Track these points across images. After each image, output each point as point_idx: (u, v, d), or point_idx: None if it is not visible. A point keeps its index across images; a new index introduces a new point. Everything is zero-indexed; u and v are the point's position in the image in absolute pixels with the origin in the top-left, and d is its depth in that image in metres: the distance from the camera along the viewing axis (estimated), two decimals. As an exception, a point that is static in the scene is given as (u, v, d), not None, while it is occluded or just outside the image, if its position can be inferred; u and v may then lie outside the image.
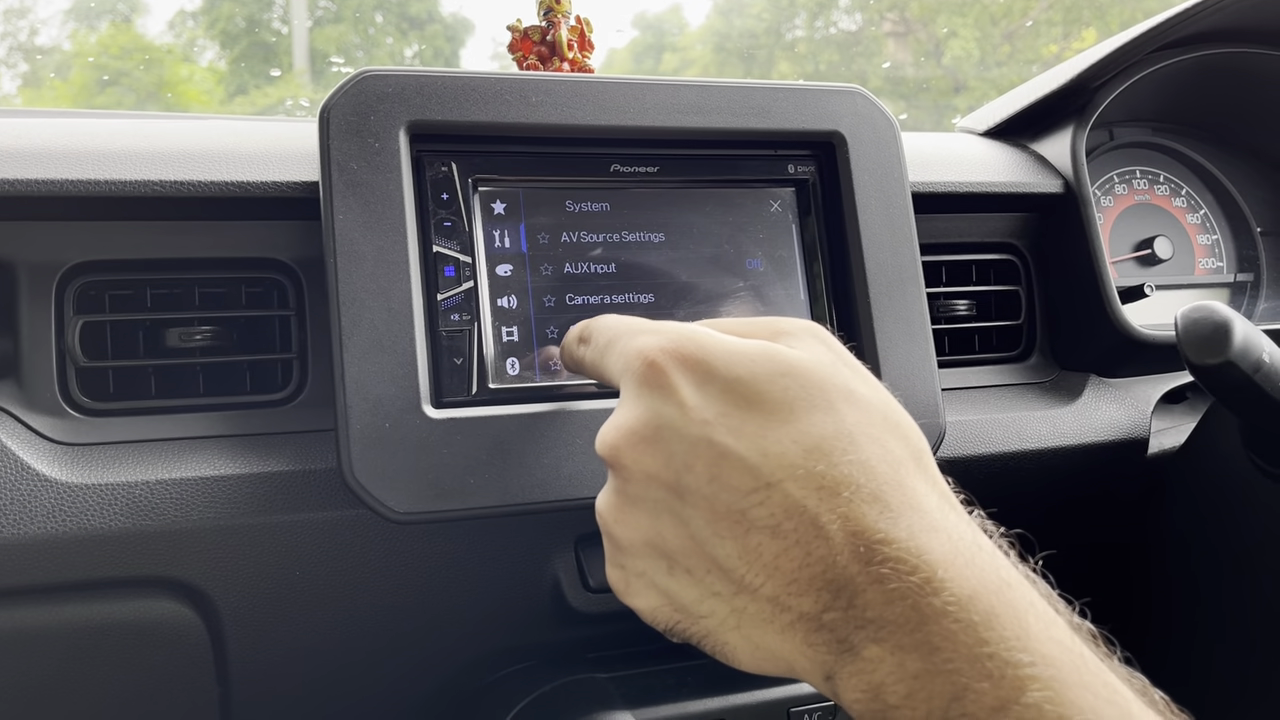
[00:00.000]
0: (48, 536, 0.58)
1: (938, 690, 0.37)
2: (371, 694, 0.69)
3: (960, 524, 0.41)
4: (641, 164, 0.68)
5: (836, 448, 0.41)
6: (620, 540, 0.45)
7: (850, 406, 0.43)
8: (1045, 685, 0.36)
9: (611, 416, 0.45)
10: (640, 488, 0.44)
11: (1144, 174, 0.97)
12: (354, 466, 0.57)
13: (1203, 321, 0.62)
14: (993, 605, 0.38)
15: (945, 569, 0.38)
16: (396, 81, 0.63)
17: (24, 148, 0.62)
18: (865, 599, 0.39)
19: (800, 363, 0.43)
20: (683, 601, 0.44)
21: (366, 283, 0.60)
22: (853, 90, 0.72)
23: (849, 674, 0.39)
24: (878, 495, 0.40)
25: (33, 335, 0.62)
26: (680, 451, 0.42)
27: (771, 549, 0.40)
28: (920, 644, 0.37)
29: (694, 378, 0.43)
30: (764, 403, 0.42)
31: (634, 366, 0.45)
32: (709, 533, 0.42)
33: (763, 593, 0.41)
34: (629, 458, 0.44)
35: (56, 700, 0.62)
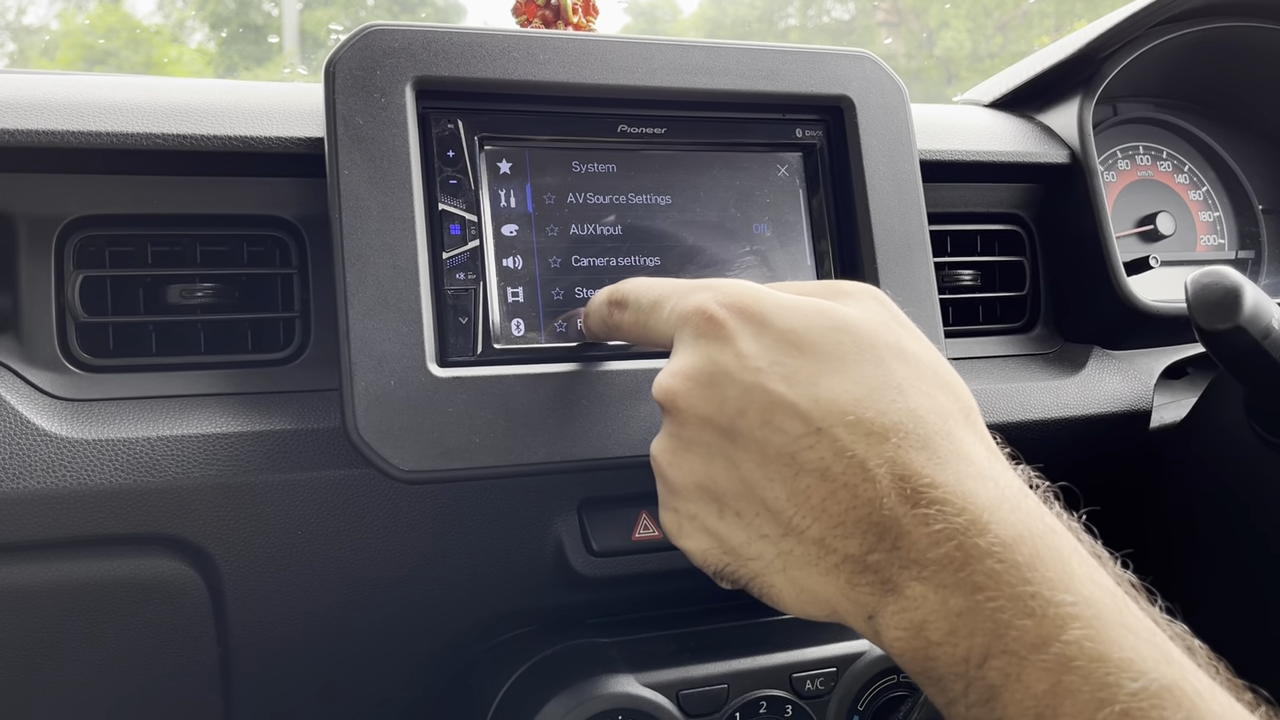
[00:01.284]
0: (47, 491, 0.57)
1: (980, 627, 0.38)
2: (372, 656, 0.69)
3: (1006, 474, 0.42)
4: (649, 125, 0.68)
5: (886, 396, 0.42)
6: (674, 483, 0.47)
7: (900, 362, 0.44)
8: (1086, 624, 0.36)
9: (668, 364, 0.47)
10: (694, 431, 0.45)
11: (1147, 150, 0.97)
12: (359, 424, 0.57)
13: (1213, 286, 0.62)
14: (1037, 549, 0.38)
15: (991, 513, 0.39)
16: (403, 36, 0.62)
17: (24, 99, 0.61)
18: (910, 540, 0.40)
19: (853, 319, 0.45)
20: (732, 544, 0.45)
21: (372, 239, 0.59)
22: (862, 55, 0.72)
23: (892, 612, 0.40)
24: (926, 442, 0.41)
25: (32, 290, 0.61)
26: (734, 397, 0.44)
27: (820, 492, 0.42)
28: (964, 583, 0.38)
29: (750, 328, 0.45)
30: (816, 353, 0.44)
31: (692, 320, 0.46)
32: (759, 475, 0.43)
33: (809, 534, 0.42)
34: (685, 402, 0.45)
35: (55, 657, 0.61)
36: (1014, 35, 4.53)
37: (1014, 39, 4.50)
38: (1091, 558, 0.40)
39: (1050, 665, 0.36)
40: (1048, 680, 0.36)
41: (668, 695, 0.63)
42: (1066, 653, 0.36)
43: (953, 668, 0.38)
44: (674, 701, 0.63)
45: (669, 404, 0.46)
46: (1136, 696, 0.35)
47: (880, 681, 0.67)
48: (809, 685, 0.66)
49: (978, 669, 0.38)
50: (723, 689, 0.64)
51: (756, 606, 0.73)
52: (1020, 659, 0.37)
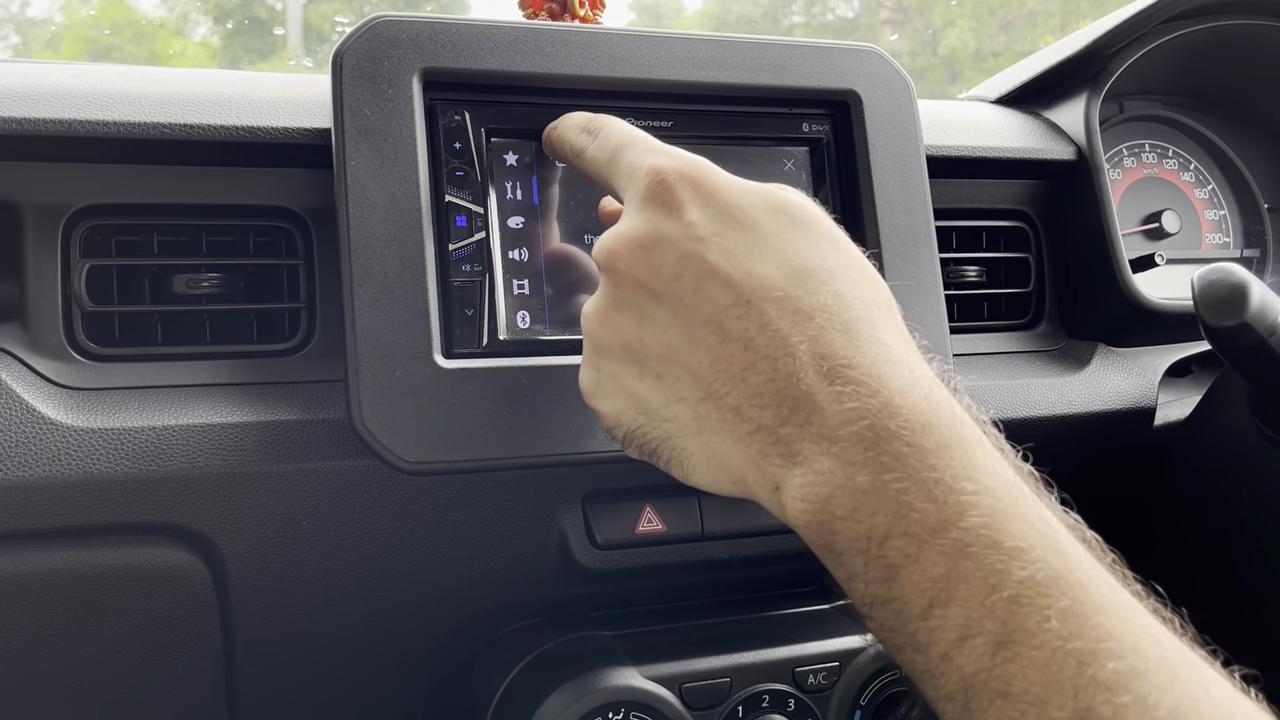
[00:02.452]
0: (52, 480, 0.57)
1: (883, 507, 0.39)
2: (375, 646, 0.69)
3: (920, 364, 0.43)
4: (656, 118, 0.67)
5: (815, 278, 0.44)
6: (600, 342, 0.49)
7: (833, 248, 0.46)
8: (984, 513, 0.38)
9: (614, 227, 0.48)
10: (629, 293, 0.47)
11: (1153, 147, 0.96)
12: (364, 415, 0.57)
13: (1219, 283, 0.62)
14: (944, 436, 0.40)
15: (903, 397, 0.40)
16: (411, 27, 0.62)
17: (31, 88, 0.61)
18: (823, 415, 0.41)
19: (795, 204, 0.47)
20: (650, 405, 0.47)
21: (378, 230, 0.59)
22: (869, 50, 0.71)
23: (798, 484, 0.41)
24: (848, 325, 0.43)
25: (38, 278, 0.62)
26: (671, 261, 0.45)
27: (741, 361, 0.43)
28: (871, 462, 0.39)
29: (697, 198, 0.46)
30: (756, 230, 0.45)
31: (644, 180, 0.48)
32: (685, 340, 0.45)
33: (727, 401, 0.44)
34: (623, 263, 0.47)
35: (59, 646, 0.61)
36: (1018, 34, 4.52)
37: (1018, 38, 4.49)
38: (995, 449, 0.41)
39: (947, 549, 0.37)
40: (944, 564, 0.37)
41: (670, 688, 0.63)
42: (963, 539, 0.37)
43: (854, 544, 0.39)
44: (676, 695, 0.63)
45: (608, 264, 0.47)
46: (1024, 584, 0.36)
47: (883, 677, 0.66)
48: (812, 679, 0.66)
49: (878, 547, 0.39)
50: (725, 682, 0.64)
51: (760, 600, 0.73)
52: (919, 541, 0.38)
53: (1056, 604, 0.35)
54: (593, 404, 0.50)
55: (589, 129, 0.55)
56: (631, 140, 0.52)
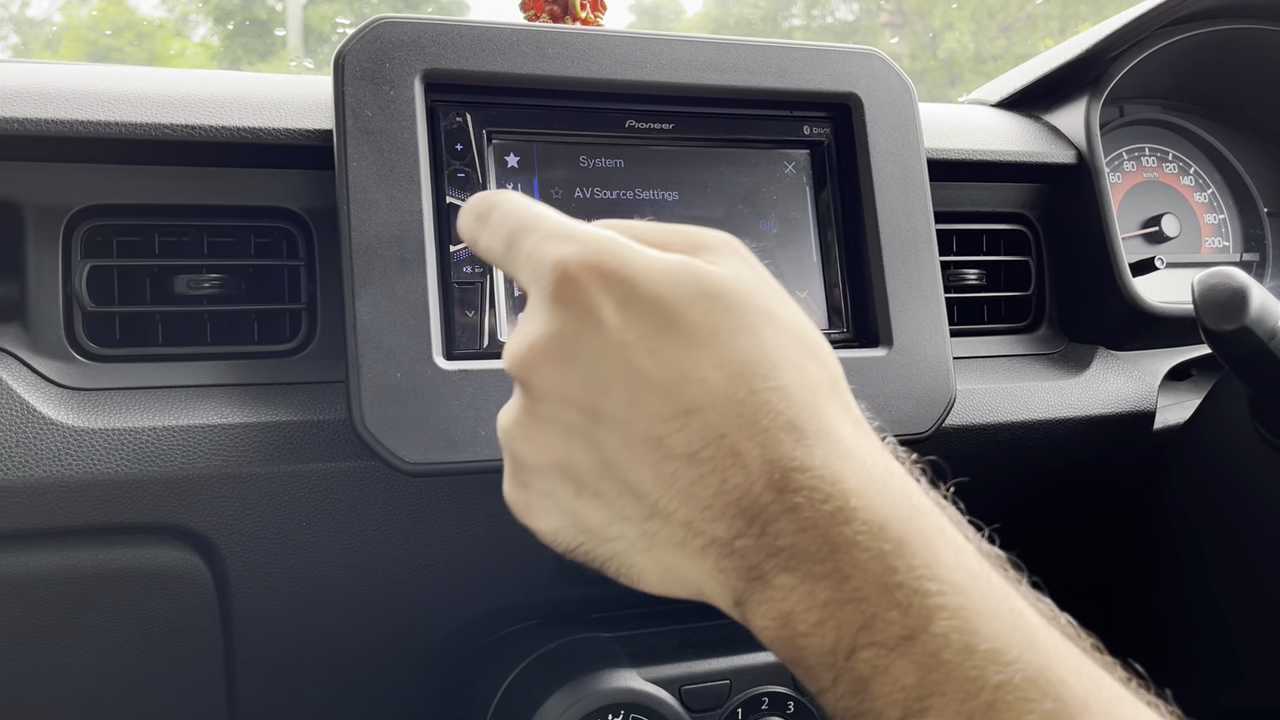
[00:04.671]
0: (52, 480, 0.57)
1: (847, 619, 0.37)
2: (375, 647, 0.69)
3: (874, 451, 0.41)
4: (657, 120, 0.68)
5: (758, 374, 0.40)
6: (525, 460, 0.43)
7: (770, 328, 0.42)
8: (953, 614, 0.36)
9: (521, 329, 0.42)
10: (551, 409, 0.42)
11: (1153, 151, 0.97)
12: (365, 416, 0.57)
13: (1220, 287, 0.62)
14: (903, 533, 0.38)
15: (858, 498, 0.38)
16: (412, 29, 0.62)
17: (33, 88, 0.61)
18: (778, 527, 0.38)
19: (722, 282, 0.42)
20: (591, 524, 0.43)
21: (379, 231, 0.59)
22: (870, 53, 0.72)
23: (759, 601, 0.39)
24: (794, 423, 0.40)
25: (39, 279, 0.62)
26: (598, 374, 0.41)
27: (687, 475, 0.40)
28: (831, 573, 0.37)
29: (615, 296, 0.41)
30: (685, 325, 0.41)
31: (547, 277, 0.41)
32: (623, 458, 0.40)
33: (676, 517, 0.40)
34: (542, 376, 0.41)
35: (60, 645, 0.61)
36: (1018, 38, 4.52)
37: (1018, 41, 4.49)
38: (958, 537, 0.39)
39: (917, 658, 0.36)
40: (915, 674, 0.36)
41: (670, 690, 0.63)
42: (932, 645, 0.36)
43: (822, 658, 0.38)
44: (676, 697, 0.63)
45: (523, 377, 0.42)
46: (1002, 688, 0.35)
47: (882, 679, 0.66)
48: (811, 682, 0.66)
49: (846, 660, 0.37)
50: (725, 685, 0.64)
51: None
52: (888, 650, 0.36)
53: (1039, 706, 0.34)
54: (525, 522, 0.46)
55: (479, 213, 0.48)
56: (526, 224, 0.45)
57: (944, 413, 0.68)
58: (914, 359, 0.68)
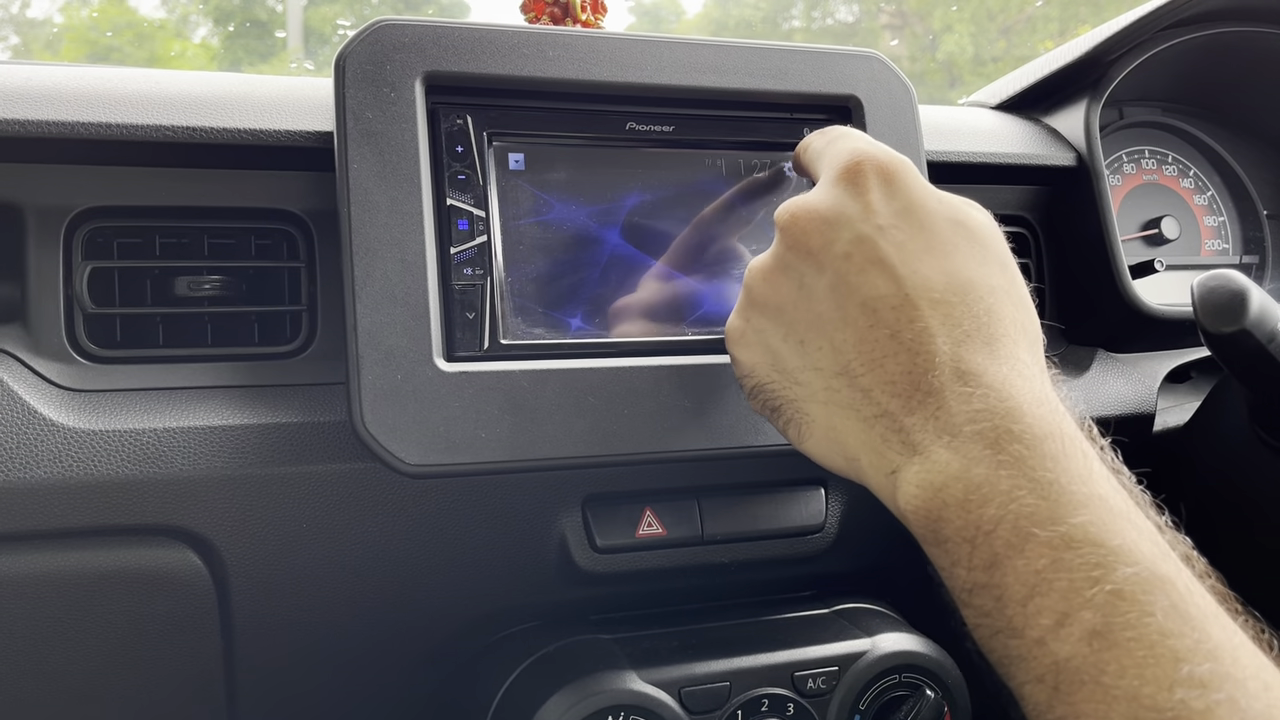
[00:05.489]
0: (53, 481, 0.57)
1: (994, 498, 0.40)
2: (375, 649, 0.69)
3: (1050, 388, 0.45)
4: (657, 123, 0.68)
5: (974, 292, 0.46)
6: (757, 296, 0.51)
7: (1000, 271, 0.48)
8: (1094, 513, 0.39)
9: (800, 195, 0.51)
10: (797, 258, 0.49)
11: (1153, 154, 0.97)
12: (365, 418, 0.57)
13: (1219, 289, 0.62)
14: (1064, 446, 0.41)
15: (1030, 407, 0.42)
16: (413, 31, 0.62)
17: (34, 89, 0.61)
18: (949, 411, 0.43)
19: (976, 221, 0.49)
20: (786, 365, 0.49)
21: (380, 233, 0.59)
22: (870, 55, 0.72)
23: (915, 471, 0.43)
24: (991, 339, 0.44)
25: (40, 280, 0.62)
26: (846, 239, 0.47)
27: (885, 347, 0.45)
28: (990, 458, 0.41)
29: (885, 189, 0.48)
30: (931, 232, 0.47)
31: (843, 160, 0.49)
32: (838, 315, 0.47)
33: (861, 381, 0.45)
34: (800, 229, 0.49)
35: (60, 647, 0.61)
36: (1017, 40, 4.52)
37: (1017, 43, 4.49)
38: (1111, 466, 0.43)
39: (1053, 542, 0.38)
40: (1049, 555, 0.38)
41: (670, 692, 0.63)
42: (1070, 534, 0.38)
43: (961, 531, 0.41)
44: (676, 699, 0.63)
45: (787, 226, 0.49)
46: (1128, 580, 0.37)
47: (882, 681, 0.67)
48: (811, 684, 0.66)
49: (985, 536, 0.40)
50: (724, 686, 0.64)
51: (760, 604, 0.73)
52: (1027, 533, 0.39)
53: (1159, 602, 0.36)
54: (732, 350, 0.52)
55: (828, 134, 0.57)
56: (851, 134, 0.54)
57: (944, 415, 0.68)
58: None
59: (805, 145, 0.58)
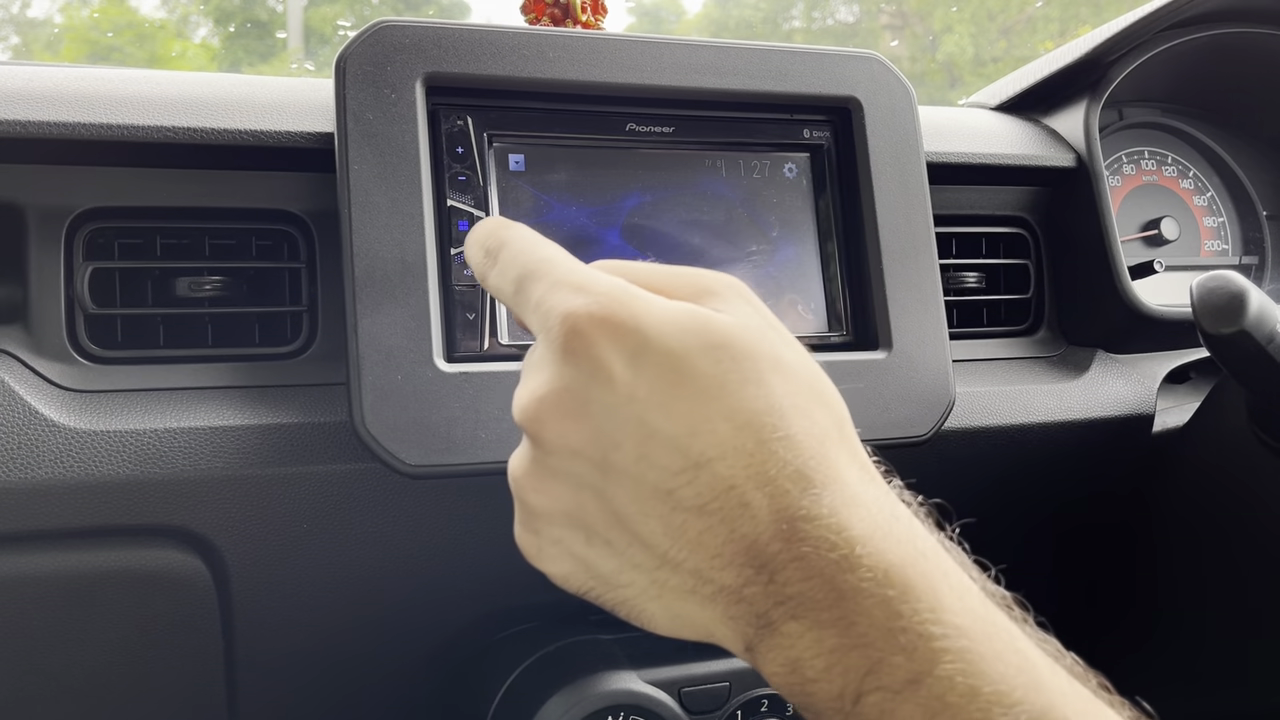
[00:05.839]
0: (54, 482, 0.57)
1: (853, 664, 0.37)
2: (375, 649, 0.69)
3: (879, 495, 0.41)
4: (657, 124, 0.68)
5: (766, 424, 0.40)
6: (535, 509, 0.44)
7: (778, 376, 0.42)
8: (958, 657, 0.36)
9: (528, 380, 0.43)
10: (562, 461, 0.42)
11: (1152, 154, 0.97)
12: (366, 418, 0.57)
13: (1218, 290, 0.62)
14: (908, 578, 0.38)
15: (863, 545, 0.38)
16: (414, 32, 0.62)
17: (35, 90, 0.61)
18: (785, 575, 0.39)
19: (730, 331, 0.42)
20: (601, 571, 0.43)
21: (380, 234, 0.59)
22: (870, 56, 0.72)
23: (768, 648, 0.40)
24: (802, 472, 0.40)
25: (41, 281, 0.62)
26: (608, 429, 0.41)
27: (697, 526, 0.40)
28: (837, 620, 0.38)
29: (624, 350, 0.41)
30: (695, 378, 0.41)
31: (557, 329, 0.41)
32: (633, 510, 0.41)
33: (686, 566, 0.41)
34: (552, 431, 0.41)
35: (61, 647, 0.61)
36: (1017, 40, 4.52)
37: (1017, 44, 4.49)
38: (962, 580, 0.40)
39: (923, 702, 0.36)
40: (922, 717, 0.36)
41: (670, 692, 0.63)
42: (938, 689, 0.36)
43: (829, 703, 0.38)
44: (676, 699, 0.63)
45: (534, 431, 0.42)
46: None
47: (881, 681, 0.67)
48: (810, 684, 0.66)
49: (853, 705, 0.38)
50: (724, 687, 0.64)
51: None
52: (894, 694, 0.37)
53: None
54: (537, 565, 0.46)
55: (489, 249, 0.48)
56: (535, 270, 0.44)
57: (943, 415, 0.68)
58: (913, 362, 0.68)
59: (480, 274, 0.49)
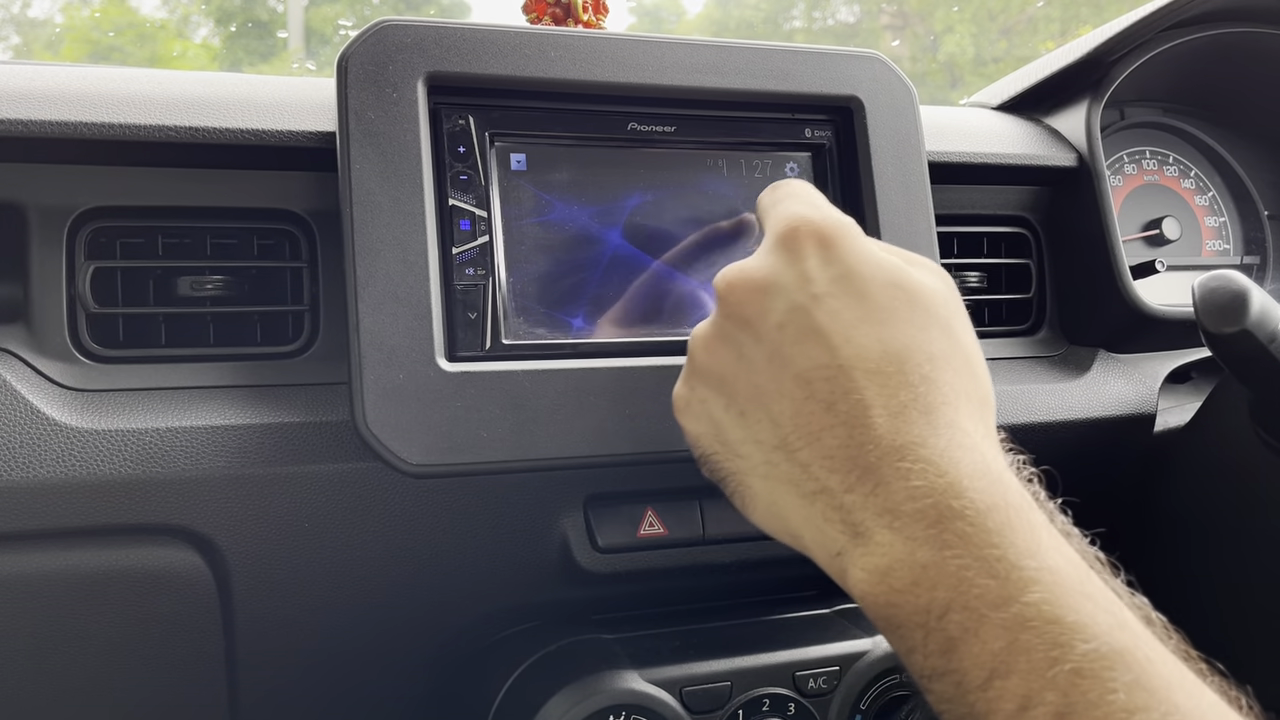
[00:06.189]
0: (56, 481, 0.57)
1: (943, 582, 0.39)
2: (376, 649, 0.69)
3: (994, 454, 0.44)
4: (659, 123, 0.68)
5: (913, 360, 0.44)
6: (700, 365, 0.50)
7: (942, 335, 0.46)
8: (1046, 589, 0.38)
9: (741, 260, 0.50)
10: (735, 327, 0.48)
11: (1154, 154, 0.97)
12: (368, 417, 0.57)
13: (1220, 290, 0.62)
14: (1009, 518, 0.40)
15: (971, 480, 0.41)
16: (415, 32, 0.62)
17: (37, 90, 0.61)
18: (889, 489, 0.41)
19: (916, 282, 0.47)
20: (728, 437, 0.48)
21: (382, 233, 0.59)
22: (871, 56, 0.72)
23: (860, 554, 0.42)
24: (930, 409, 0.43)
25: (43, 280, 0.62)
26: (780, 309, 0.46)
27: (821, 420, 0.44)
28: (933, 539, 0.40)
29: (821, 254, 0.47)
30: (868, 299, 0.46)
31: (780, 226, 0.49)
32: (773, 387, 0.46)
33: (799, 456, 0.44)
34: (737, 298, 0.48)
35: (62, 646, 0.61)
36: (1018, 40, 4.52)
37: (1018, 44, 4.49)
38: (1060, 533, 0.42)
39: (1008, 623, 0.37)
40: (1004, 637, 0.37)
41: (671, 692, 0.63)
42: (1024, 614, 0.37)
43: (913, 616, 0.40)
44: (677, 698, 0.63)
45: (724, 295, 0.49)
46: (1087, 657, 0.36)
47: (883, 681, 0.67)
48: (812, 684, 0.66)
49: (938, 620, 0.39)
50: (725, 686, 0.64)
51: (761, 604, 0.73)
52: (980, 615, 0.38)
53: (1121, 677, 0.35)
54: (679, 419, 0.52)
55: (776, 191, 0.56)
56: (798, 193, 0.53)
57: (945, 415, 0.68)
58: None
59: (759, 200, 0.57)
